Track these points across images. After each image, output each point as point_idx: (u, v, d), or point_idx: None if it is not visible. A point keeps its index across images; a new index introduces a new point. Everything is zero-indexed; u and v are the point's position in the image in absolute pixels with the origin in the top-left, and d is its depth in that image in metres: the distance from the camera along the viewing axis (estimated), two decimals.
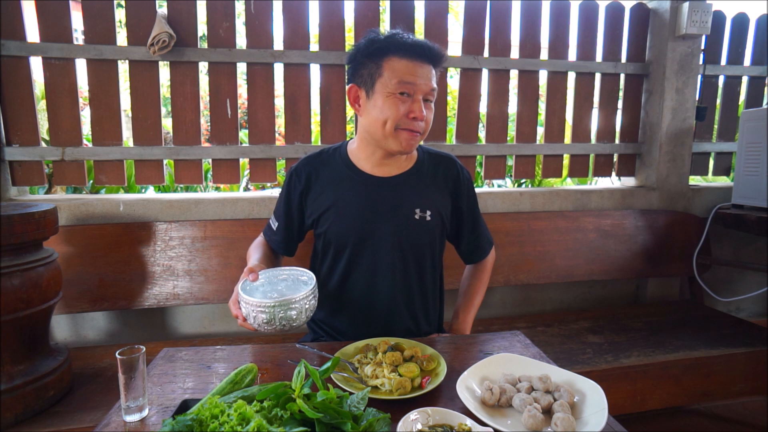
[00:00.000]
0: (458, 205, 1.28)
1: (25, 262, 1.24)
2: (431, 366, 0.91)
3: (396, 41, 1.12)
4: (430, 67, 1.14)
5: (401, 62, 1.11)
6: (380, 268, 1.20)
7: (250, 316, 0.94)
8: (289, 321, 0.93)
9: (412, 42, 1.12)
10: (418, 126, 1.13)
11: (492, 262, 1.42)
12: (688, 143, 2.23)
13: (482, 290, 1.39)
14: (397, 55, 1.11)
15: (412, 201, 1.20)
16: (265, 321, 0.92)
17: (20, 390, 1.21)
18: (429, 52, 1.13)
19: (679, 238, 2.18)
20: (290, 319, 0.93)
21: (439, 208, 1.22)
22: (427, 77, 1.12)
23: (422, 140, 1.19)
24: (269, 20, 1.86)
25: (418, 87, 1.11)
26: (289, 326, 0.94)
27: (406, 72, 1.10)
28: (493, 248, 1.41)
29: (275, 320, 0.92)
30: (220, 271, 1.74)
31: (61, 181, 1.79)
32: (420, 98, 1.12)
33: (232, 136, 1.89)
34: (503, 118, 2.14)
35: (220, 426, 0.62)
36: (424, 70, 1.12)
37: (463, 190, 1.27)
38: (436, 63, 1.15)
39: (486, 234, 1.38)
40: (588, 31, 2.17)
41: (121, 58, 1.76)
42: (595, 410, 0.75)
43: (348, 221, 1.19)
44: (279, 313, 0.92)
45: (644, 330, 1.87)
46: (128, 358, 0.76)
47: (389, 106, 1.11)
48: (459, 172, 1.27)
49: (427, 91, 1.13)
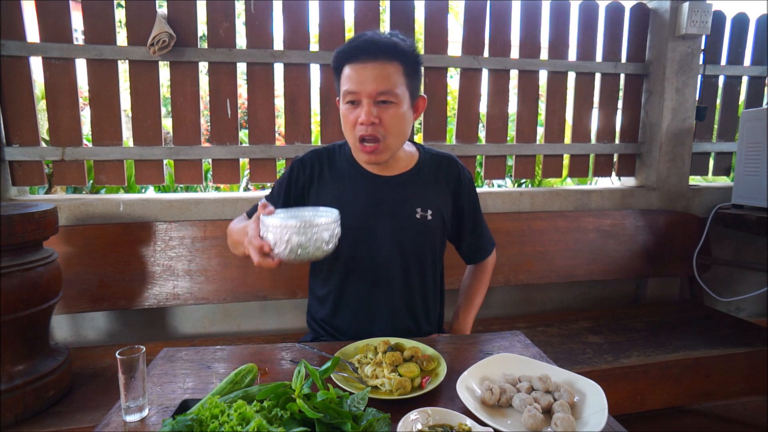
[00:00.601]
0: (459, 205, 1.28)
1: (25, 262, 1.24)
2: (431, 366, 0.91)
3: (344, 48, 1.07)
4: (381, 63, 1.04)
5: (349, 68, 1.06)
6: (381, 267, 1.20)
7: (282, 240, 0.89)
8: (321, 244, 0.90)
9: (356, 43, 1.05)
10: (369, 132, 1.06)
11: (493, 263, 1.42)
12: (688, 143, 2.23)
13: (483, 291, 1.39)
14: (347, 62, 1.07)
15: (414, 200, 1.20)
16: (299, 244, 0.88)
17: (20, 390, 1.21)
18: (372, 47, 1.03)
19: (679, 238, 2.18)
20: (323, 241, 0.91)
21: (440, 208, 1.22)
22: (375, 77, 1.03)
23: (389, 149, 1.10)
24: (269, 20, 1.86)
25: (363, 90, 1.04)
26: (321, 252, 0.91)
27: (350, 79, 1.05)
28: (494, 249, 1.41)
29: (310, 243, 0.89)
30: (220, 271, 1.74)
31: (61, 181, 1.79)
32: (367, 102, 1.05)
33: (232, 136, 1.89)
34: (503, 118, 2.14)
35: (220, 426, 0.61)
36: (368, 71, 1.04)
37: (464, 190, 1.27)
38: (389, 57, 1.04)
39: (487, 234, 1.37)
40: (588, 31, 2.17)
41: (121, 58, 1.76)
42: (595, 410, 0.75)
43: (349, 219, 1.18)
44: (314, 234, 0.89)
45: (644, 330, 1.87)
46: (128, 358, 0.76)
47: (344, 119, 1.11)
48: (460, 172, 1.27)
49: (373, 93, 1.04)
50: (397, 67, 1.06)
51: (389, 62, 1.05)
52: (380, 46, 1.04)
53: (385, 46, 1.05)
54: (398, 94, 1.07)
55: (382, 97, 1.06)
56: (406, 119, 1.12)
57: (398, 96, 1.07)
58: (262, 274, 1.76)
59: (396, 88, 1.06)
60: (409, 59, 1.08)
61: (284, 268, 1.76)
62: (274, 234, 0.89)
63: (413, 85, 1.12)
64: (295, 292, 1.77)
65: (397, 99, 1.07)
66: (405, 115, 1.11)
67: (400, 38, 1.10)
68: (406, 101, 1.10)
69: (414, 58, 1.11)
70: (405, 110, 1.10)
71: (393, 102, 1.07)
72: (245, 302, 1.88)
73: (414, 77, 1.11)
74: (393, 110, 1.08)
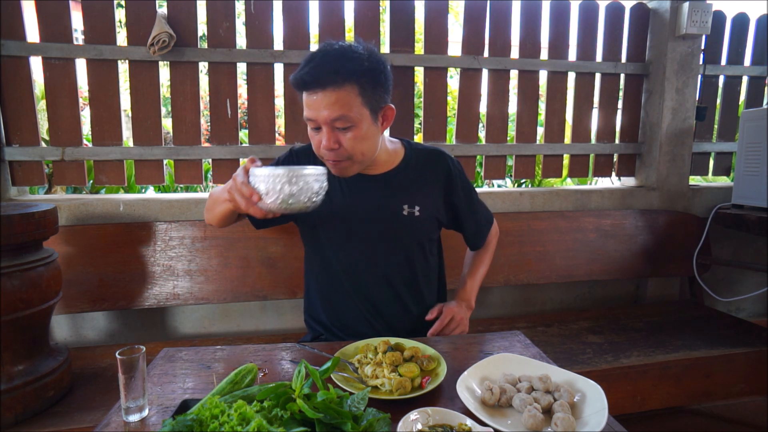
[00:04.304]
0: (452, 199, 1.28)
1: (25, 262, 1.24)
2: (431, 366, 0.91)
3: (296, 75, 1.04)
4: (331, 91, 1.01)
5: (305, 95, 1.05)
6: (369, 265, 1.22)
7: (274, 190, 0.88)
8: (311, 194, 0.90)
9: (304, 72, 1.03)
10: (332, 156, 1.07)
11: (496, 235, 1.46)
12: (688, 143, 2.23)
13: (487, 260, 1.43)
14: (301, 89, 1.06)
15: (400, 197, 1.21)
16: (290, 193, 0.88)
17: (20, 390, 1.21)
18: (320, 75, 1.01)
19: (679, 238, 2.18)
20: (312, 192, 0.90)
21: (430, 204, 1.23)
22: (326, 105, 1.01)
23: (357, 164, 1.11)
24: (269, 20, 1.86)
25: (318, 118, 1.04)
26: (310, 203, 0.91)
27: (307, 105, 1.05)
28: (494, 223, 1.44)
29: (301, 192, 0.88)
30: (220, 271, 1.74)
31: (61, 181, 1.79)
32: (326, 129, 1.05)
33: (232, 136, 1.89)
34: (503, 118, 2.14)
35: (220, 426, 0.61)
36: (320, 99, 1.02)
37: (455, 181, 1.27)
38: (338, 83, 1.01)
39: (485, 216, 1.40)
40: (588, 31, 2.17)
41: (121, 58, 1.76)
42: (595, 410, 0.75)
43: (336, 220, 1.20)
44: (305, 184, 0.89)
45: (644, 330, 1.87)
46: (128, 358, 0.76)
47: (311, 141, 1.12)
48: (449, 164, 1.27)
49: (327, 120, 1.03)
50: (349, 90, 1.02)
51: (339, 88, 1.01)
52: (327, 72, 1.01)
53: (332, 73, 1.01)
54: (353, 117, 1.04)
55: (338, 124, 1.04)
56: (369, 136, 1.09)
57: (354, 119, 1.04)
58: (262, 274, 1.76)
59: (350, 112, 1.03)
60: (363, 77, 1.03)
61: (283, 268, 1.76)
62: (266, 183, 0.88)
63: (374, 100, 1.07)
64: (295, 292, 1.77)
65: (353, 121, 1.04)
66: (367, 133, 1.08)
67: (354, 53, 1.04)
68: (366, 119, 1.06)
69: (372, 72, 1.05)
70: (365, 129, 1.07)
71: (349, 125, 1.05)
72: (245, 302, 1.88)
73: (373, 91, 1.06)
74: (352, 133, 1.05)
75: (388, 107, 1.13)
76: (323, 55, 1.04)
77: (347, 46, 1.07)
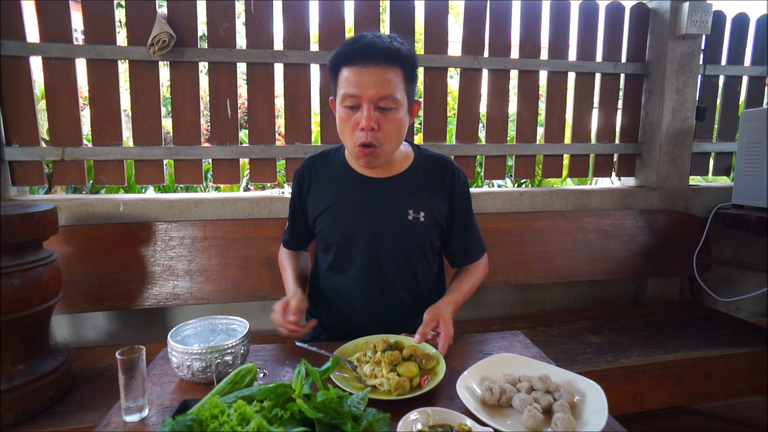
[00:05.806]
0: (452, 206, 1.27)
1: (25, 262, 1.24)
2: (430, 365, 0.91)
3: (343, 50, 1.04)
4: (383, 68, 1.02)
5: (348, 71, 1.04)
6: (373, 268, 1.21)
7: (183, 365, 0.89)
8: (225, 367, 0.90)
9: (357, 46, 1.03)
10: (368, 138, 1.04)
11: (485, 266, 1.33)
12: (688, 143, 2.23)
13: (473, 279, 1.28)
14: (346, 65, 1.04)
15: (406, 202, 1.19)
16: (200, 369, 0.88)
17: (20, 390, 1.21)
18: (374, 51, 1.01)
19: (679, 238, 2.18)
20: (226, 364, 0.90)
21: (434, 210, 1.22)
22: (376, 82, 1.02)
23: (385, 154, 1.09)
24: (269, 20, 1.86)
25: (364, 95, 1.02)
26: (225, 372, 0.91)
27: (350, 82, 1.03)
28: (485, 257, 1.34)
29: (212, 366, 0.89)
30: (220, 271, 1.74)
31: (61, 181, 1.79)
32: (367, 106, 1.03)
33: (232, 136, 1.89)
34: (503, 118, 2.14)
35: (220, 426, 0.61)
36: (370, 75, 1.02)
37: (457, 192, 1.25)
38: (390, 62, 1.03)
39: (478, 241, 1.31)
40: (588, 31, 2.17)
41: (121, 58, 1.76)
42: (595, 410, 0.75)
43: (343, 222, 1.20)
44: (216, 359, 0.89)
45: (644, 330, 1.86)
46: (128, 358, 0.76)
47: (341, 123, 1.09)
48: (455, 174, 1.25)
49: (374, 98, 1.02)
50: (397, 72, 1.05)
51: (390, 67, 1.04)
52: (382, 50, 1.03)
53: (387, 51, 1.03)
54: (398, 99, 1.06)
55: (382, 103, 1.04)
56: (403, 124, 1.11)
57: (398, 101, 1.06)
58: (262, 274, 1.76)
59: (396, 93, 1.05)
60: (408, 65, 1.08)
61: None
62: (177, 358, 0.90)
63: (411, 90, 1.11)
64: None
65: (396, 104, 1.06)
66: (402, 120, 1.10)
67: (400, 42, 1.08)
68: (404, 107, 1.09)
69: (413, 63, 1.10)
70: (402, 115, 1.09)
71: (393, 107, 1.06)
72: (245, 302, 1.88)
73: (412, 82, 1.11)
74: (392, 116, 1.06)
75: (417, 102, 1.17)
76: (374, 35, 1.06)
77: (393, 35, 1.10)
